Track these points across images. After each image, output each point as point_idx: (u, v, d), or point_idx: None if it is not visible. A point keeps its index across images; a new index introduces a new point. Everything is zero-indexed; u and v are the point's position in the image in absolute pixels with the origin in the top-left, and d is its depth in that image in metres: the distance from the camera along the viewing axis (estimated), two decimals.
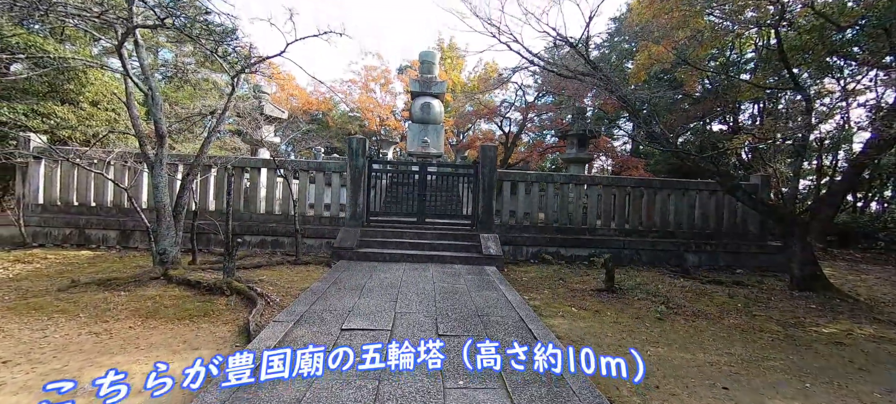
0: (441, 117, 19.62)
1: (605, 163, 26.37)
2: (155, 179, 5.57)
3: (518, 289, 6.04)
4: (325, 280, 5.69)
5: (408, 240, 7.91)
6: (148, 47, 19.14)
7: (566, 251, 8.67)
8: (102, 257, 7.17)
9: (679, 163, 17.52)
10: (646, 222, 9.43)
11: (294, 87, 28.65)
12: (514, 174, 9.17)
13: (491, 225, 8.50)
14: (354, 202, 8.31)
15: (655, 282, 7.14)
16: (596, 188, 9.19)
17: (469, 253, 7.68)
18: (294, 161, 8.56)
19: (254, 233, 8.31)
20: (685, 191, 9.39)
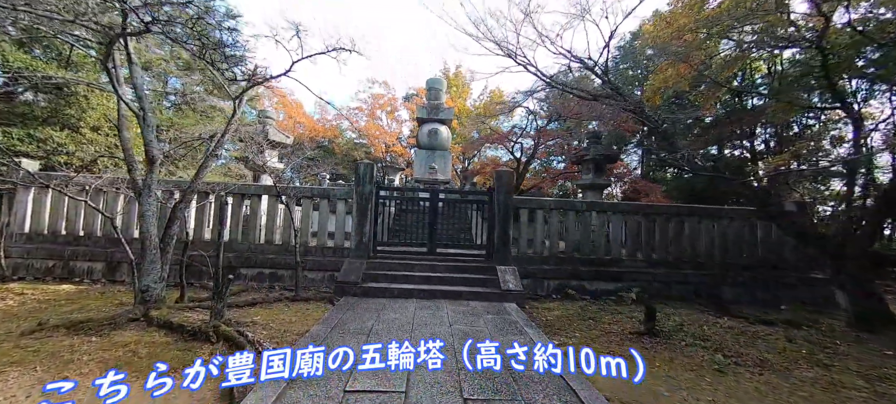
0: (448, 143, 19.35)
1: (613, 189, 25.76)
2: (142, 207, 5.04)
3: (545, 330, 5.31)
4: (326, 322, 5.01)
5: (418, 274, 7.24)
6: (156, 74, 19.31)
7: (591, 285, 7.93)
8: (84, 293, 6.55)
9: (693, 189, 16.89)
10: (674, 252, 8.70)
11: (301, 115, 28.82)
12: (532, 200, 8.58)
13: (508, 256, 7.82)
14: (360, 231, 7.71)
15: (697, 322, 6.35)
16: (620, 215, 8.54)
17: (485, 288, 6.97)
18: (297, 187, 8.06)
19: (251, 264, 7.69)
20: (716, 218, 8.71)
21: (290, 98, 29.38)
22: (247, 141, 9.68)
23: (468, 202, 9.15)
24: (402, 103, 32.34)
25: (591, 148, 11.49)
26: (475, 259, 8.23)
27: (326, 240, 8.12)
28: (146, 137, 5.02)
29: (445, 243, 8.71)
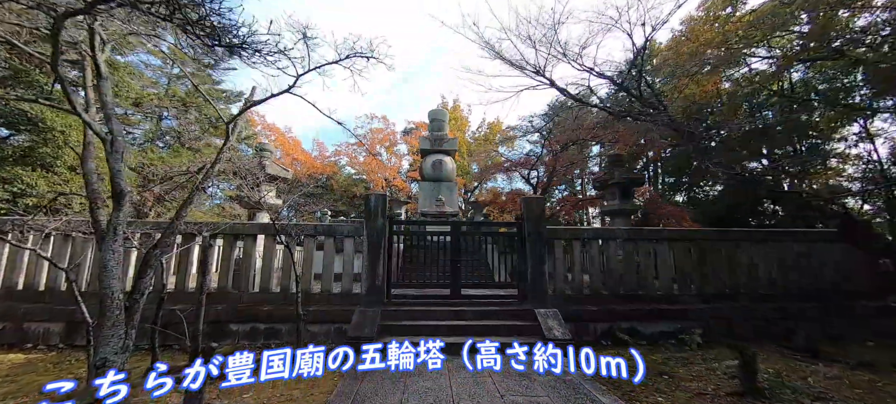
0: (454, 175, 18.55)
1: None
2: (104, 255, 3.95)
3: (619, 394, 4.14)
4: (340, 396, 3.82)
5: (443, 323, 6.05)
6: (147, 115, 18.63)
7: (644, 326, 6.76)
8: (32, 364, 5.27)
9: (722, 213, 15.94)
10: (729, 281, 7.61)
11: (299, 152, 28.21)
12: (568, 230, 7.56)
13: (545, 295, 6.69)
14: (373, 272, 6.59)
15: (794, 371, 5.18)
16: (665, 243, 7.51)
17: (525, 337, 5.79)
18: (299, 224, 7.01)
19: (244, 318, 6.47)
20: (777, 241, 7.72)
21: (288, 136, 28.95)
22: (243, 174, 8.72)
23: (491, 235, 8.08)
24: (401, 137, 31.97)
25: (615, 171, 10.65)
26: (504, 300, 7.07)
27: (332, 284, 6.96)
28: (112, 167, 4.03)
29: (469, 283, 7.58)
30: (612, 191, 10.73)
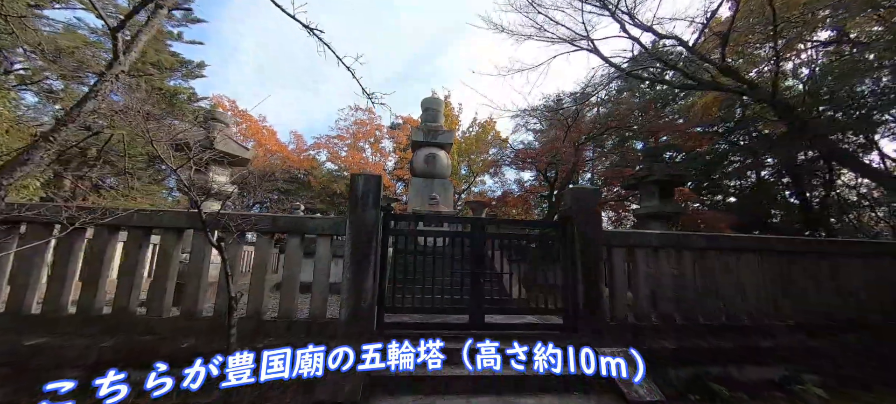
0: (449, 170, 16.51)
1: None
2: None
3: None
4: None
5: (463, 373, 3.92)
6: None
7: (739, 371, 4.84)
8: None
9: (732, 222, 14.49)
10: (820, 306, 5.84)
11: (274, 143, 25.52)
12: (631, 234, 5.57)
13: (602, 325, 4.69)
14: (358, 288, 4.40)
15: None
16: (752, 255, 5.65)
17: (594, 397, 3.75)
18: (244, 215, 4.73)
19: (142, 363, 4.13)
20: (877, 256, 6.02)
21: (261, 125, 26.17)
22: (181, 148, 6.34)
23: (525, 236, 5.95)
24: (387, 131, 29.72)
25: (653, 166, 8.84)
26: (539, 330, 5.01)
27: (295, 306, 4.71)
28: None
29: (492, 306, 5.49)
30: (650, 191, 8.90)
